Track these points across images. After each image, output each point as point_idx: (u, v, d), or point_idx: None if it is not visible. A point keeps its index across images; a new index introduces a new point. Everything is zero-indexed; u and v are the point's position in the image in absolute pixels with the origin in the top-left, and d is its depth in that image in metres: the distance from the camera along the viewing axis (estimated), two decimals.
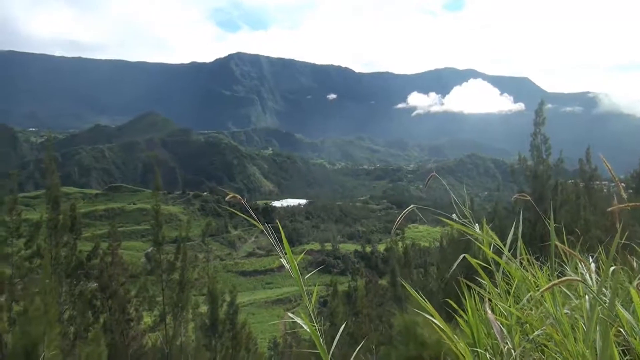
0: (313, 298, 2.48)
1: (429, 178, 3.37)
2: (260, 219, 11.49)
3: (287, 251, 2.47)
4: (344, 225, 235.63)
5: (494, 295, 2.95)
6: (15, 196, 18.28)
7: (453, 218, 3.04)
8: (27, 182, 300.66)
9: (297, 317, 2.60)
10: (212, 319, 18.93)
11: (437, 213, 3.16)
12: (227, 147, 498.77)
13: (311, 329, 2.38)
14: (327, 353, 2.38)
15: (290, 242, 2.56)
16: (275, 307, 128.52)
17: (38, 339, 8.02)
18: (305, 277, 2.57)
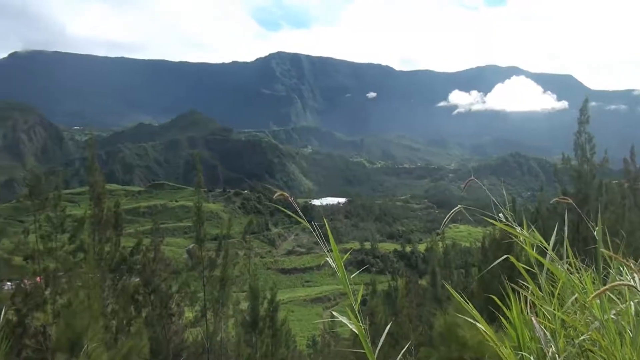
0: (358, 297, 2.49)
1: (467, 182, 3.34)
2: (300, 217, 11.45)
3: (334, 250, 2.47)
4: (384, 225, 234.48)
5: (537, 298, 2.91)
6: (60, 192, 18.70)
7: (498, 218, 3.00)
8: (72, 179, 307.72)
9: (341, 316, 2.60)
10: (252, 315, 19.08)
11: (482, 213, 3.13)
12: (267, 145, 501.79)
13: (358, 328, 2.39)
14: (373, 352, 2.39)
15: (329, 241, 2.56)
16: (314, 305, 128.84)
17: (82, 331, 8.19)
18: (352, 276, 2.58)
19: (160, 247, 18.73)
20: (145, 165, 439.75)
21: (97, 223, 16.93)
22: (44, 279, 16.36)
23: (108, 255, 17.02)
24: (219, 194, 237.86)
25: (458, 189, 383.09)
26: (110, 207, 17.80)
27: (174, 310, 17.95)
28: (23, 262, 16.85)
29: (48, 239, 17.13)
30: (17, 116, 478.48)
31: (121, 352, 9.20)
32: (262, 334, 19.30)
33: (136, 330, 10.83)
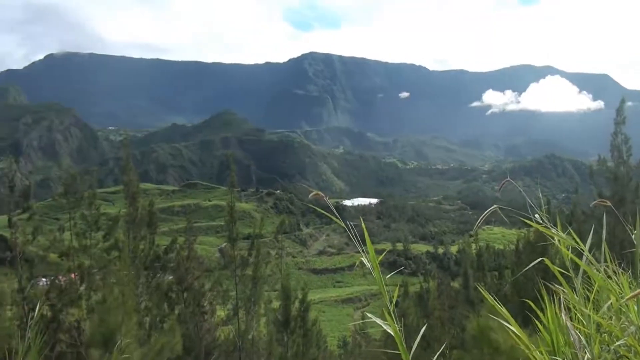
0: (393, 298, 2.47)
1: (503, 183, 3.29)
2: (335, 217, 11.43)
3: (370, 250, 2.46)
4: (416, 226, 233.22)
5: (572, 302, 2.85)
6: (95, 191, 19.04)
7: (535, 219, 2.96)
8: (106, 178, 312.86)
9: (375, 317, 2.59)
10: (284, 315, 19.14)
11: (517, 215, 3.08)
12: (299, 145, 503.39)
13: (394, 329, 2.38)
14: (409, 354, 2.38)
15: (361, 242, 2.55)
16: (345, 305, 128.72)
17: (115, 327, 8.31)
18: (387, 276, 2.56)
19: (194, 246, 18.92)
20: (179, 165, 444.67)
21: (131, 221, 17.19)
22: (79, 276, 16.66)
23: (142, 253, 17.27)
24: (251, 194, 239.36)
25: (492, 190, 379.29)
26: (144, 205, 18.06)
27: (207, 308, 18.11)
28: (58, 259, 17.21)
29: (83, 236, 17.45)
30: (53, 117, 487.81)
31: (154, 348, 9.31)
32: (293, 334, 19.35)
33: (169, 327, 10.96)
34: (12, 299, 15.39)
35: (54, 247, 16.96)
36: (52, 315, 15.01)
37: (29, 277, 15.31)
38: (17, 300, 15.11)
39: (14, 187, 16.14)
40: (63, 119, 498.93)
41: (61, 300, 15.19)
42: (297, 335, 19.56)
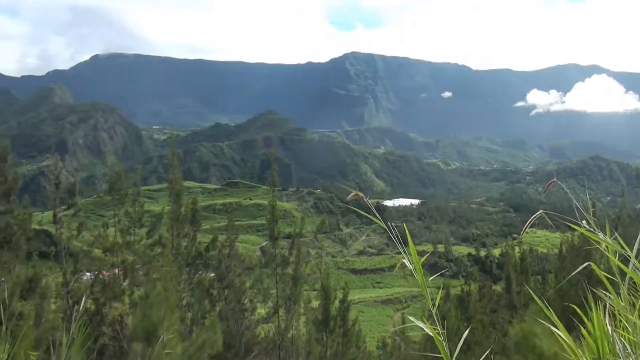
0: (436, 301, 2.44)
1: (548, 184, 3.20)
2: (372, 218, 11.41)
3: (412, 251, 2.43)
4: (458, 227, 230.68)
5: (618, 308, 2.77)
6: (139, 189, 19.40)
7: (581, 224, 2.87)
8: (150, 176, 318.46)
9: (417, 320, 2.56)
10: (324, 314, 19.14)
11: (563, 218, 3.00)
12: (340, 145, 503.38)
13: (434, 333, 2.35)
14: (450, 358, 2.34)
15: (402, 243, 2.52)
16: (385, 306, 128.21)
17: (158, 322, 8.43)
18: (429, 279, 2.53)
19: (235, 244, 19.09)
20: (222, 164, 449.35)
21: (175, 219, 17.44)
22: (122, 271, 17.02)
23: (185, 250, 17.51)
24: (292, 193, 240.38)
25: (535, 192, 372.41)
26: (188, 203, 18.31)
27: (247, 305, 18.26)
28: (102, 254, 17.59)
29: (127, 232, 17.82)
30: (98, 116, 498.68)
31: (196, 344, 9.42)
32: (332, 333, 19.34)
33: (210, 323, 11.06)
34: (56, 292, 15.82)
35: (98, 242, 17.33)
36: (95, 309, 15.35)
37: (73, 272, 15.68)
38: (62, 294, 15.50)
39: (59, 184, 16.55)
40: (108, 118, 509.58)
41: (105, 295, 15.51)
42: (336, 334, 19.55)
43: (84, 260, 16.34)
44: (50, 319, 14.44)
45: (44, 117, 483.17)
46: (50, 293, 15.23)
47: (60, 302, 15.72)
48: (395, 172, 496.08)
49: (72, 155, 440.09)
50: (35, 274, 14.92)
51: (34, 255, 17.31)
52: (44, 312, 14.03)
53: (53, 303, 15.78)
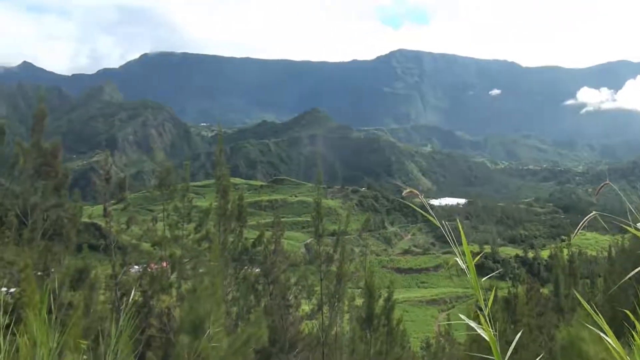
0: (489, 303, 2.36)
1: (601, 186, 3.06)
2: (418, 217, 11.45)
3: (466, 251, 2.35)
4: (505, 228, 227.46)
5: None
6: (188, 184, 19.70)
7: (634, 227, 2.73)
8: (198, 172, 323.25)
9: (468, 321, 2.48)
10: (368, 312, 19.09)
11: (618, 221, 2.86)
12: (386, 143, 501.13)
13: (489, 335, 2.26)
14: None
15: (448, 243, 2.44)
16: (430, 306, 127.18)
17: (204, 315, 8.51)
18: (482, 279, 2.44)
19: (280, 240, 19.18)
20: (268, 161, 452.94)
21: (222, 214, 17.63)
22: (170, 265, 17.32)
23: (231, 245, 17.69)
24: (337, 191, 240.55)
25: (585, 193, 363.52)
26: (234, 199, 18.49)
27: (292, 301, 18.33)
28: (151, 248, 17.94)
29: (175, 227, 18.13)
30: (148, 113, 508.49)
31: (241, 338, 9.49)
32: (376, 332, 19.26)
33: (255, 318, 11.15)
34: (105, 284, 16.20)
35: (147, 236, 17.67)
36: (143, 301, 15.65)
37: (122, 264, 16.03)
38: (110, 285, 15.85)
39: (109, 179, 16.90)
40: (157, 115, 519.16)
41: (153, 287, 15.79)
42: (380, 333, 19.47)
43: (132, 253, 16.68)
44: (99, 309, 14.77)
45: (94, 114, 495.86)
46: (99, 284, 15.59)
47: (109, 293, 16.09)
48: (441, 170, 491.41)
49: (122, 152, 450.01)
50: (84, 265, 15.25)
51: (83, 247, 17.70)
52: (93, 302, 14.34)
53: (102, 294, 16.15)
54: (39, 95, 17.87)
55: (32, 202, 15.00)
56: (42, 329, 3.52)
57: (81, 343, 4.39)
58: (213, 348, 7.99)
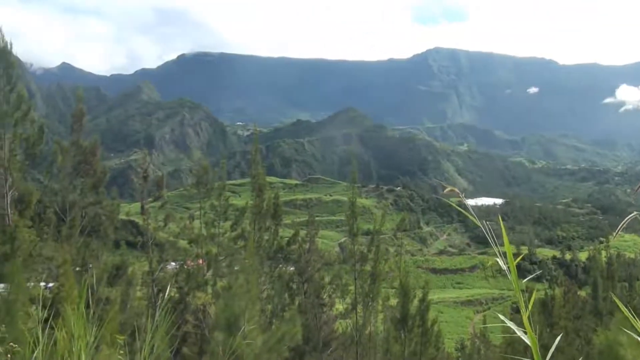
0: (530, 304, 2.30)
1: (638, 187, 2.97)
2: (453, 217, 11.32)
3: (508, 252, 2.30)
4: (542, 229, 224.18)
5: None
6: (224, 182, 19.88)
7: None
8: (233, 171, 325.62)
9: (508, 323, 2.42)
10: (402, 312, 18.99)
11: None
12: (421, 142, 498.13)
13: (532, 339, 2.21)
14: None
15: (484, 243, 2.38)
16: (465, 307, 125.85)
17: (239, 313, 8.56)
18: (524, 280, 2.39)
19: (315, 239, 19.21)
20: (302, 159, 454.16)
21: (257, 213, 17.75)
22: (206, 262, 17.51)
23: (266, 243, 17.80)
24: (372, 190, 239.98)
25: (624, 193, 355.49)
26: (270, 198, 18.60)
27: (326, 300, 18.35)
28: (187, 245, 18.17)
29: (212, 225, 18.31)
30: (184, 112, 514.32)
31: (276, 336, 9.52)
32: (411, 332, 19.15)
33: (290, 316, 11.17)
34: (142, 280, 16.47)
35: (184, 234, 17.89)
36: (179, 298, 15.86)
37: (159, 261, 16.26)
38: (147, 282, 16.10)
39: (147, 177, 17.15)
40: (194, 114, 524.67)
41: (189, 284, 15.99)
42: (415, 334, 19.35)
43: (169, 250, 16.90)
44: (136, 305, 15.02)
45: (132, 113, 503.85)
46: (136, 280, 15.85)
47: (146, 289, 16.34)
48: (478, 170, 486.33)
49: (159, 150, 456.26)
50: (122, 262, 15.51)
51: (121, 244, 18.10)
52: (130, 298, 14.58)
53: (139, 290, 16.42)
54: (78, 95, 18.23)
55: (71, 200, 15.31)
56: (80, 323, 3.57)
57: (118, 338, 4.45)
58: (248, 345, 8.03)
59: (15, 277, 5.46)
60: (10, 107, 12.63)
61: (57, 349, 3.68)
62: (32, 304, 5.30)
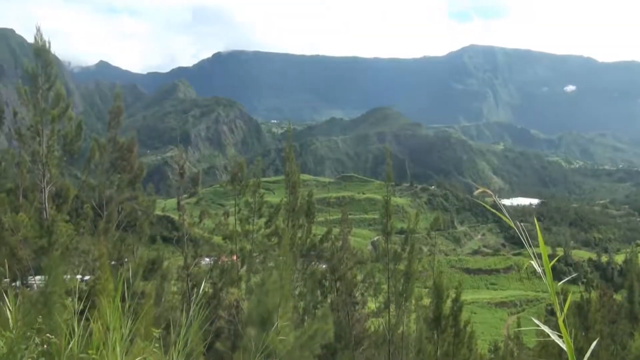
0: (565, 308, 2.25)
1: None
2: (488, 217, 11.18)
3: (543, 254, 2.26)
4: (579, 230, 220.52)
5: None
6: (259, 179, 20.02)
7: None
8: (268, 168, 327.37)
9: (545, 326, 2.38)
10: (435, 312, 18.84)
11: None
12: (456, 141, 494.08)
13: (568, 344, 2.16)
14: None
15: (519, 244, 2.35)
16: (499, 309, 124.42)
17: (273, 309, 8.61)
18: (559, 284, 2.34)
19: (348, 237, 19.21)
20: (336, 157, 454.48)
21: (291, 210, 17.82)
22: (240, 258, 17.69)
23: (300, 240, 17.86)
24: (405, 189, 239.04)
25: None
26: (303, 196, 18.67)
27: (358, 298, 18.35)
28: (222, 241, 18.38)
29: (246, 222, 18.49)
30: (220, 110, 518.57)
31: (308, 333, 9.55)
32: (444, 333, 19.00)
33: (323, 313, 11.18)
34: (177, 275, 16.71)
35: (219, 230, 18.10)
36: (213, 293, 16.06)
37: (194, 256, 16.46)
38: (182, 276, 16.32)
39: (183, 173, 17.37)
40: (229, 112, 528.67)
41: (222, 280, 16.16)
42: (447, 334, 19.18)
43: (204, 246, 17.13)
44: (170, 299, 15.24)
45: (168, 111, 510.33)
46: (170, 275, 16.09)
47: (180, 284, 16.57)
48: (514, 169, 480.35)
49: (194, 147, 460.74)
50: (157, 256, 15.74)
51: (156, 239, 18.51)
52: (164, 292, 14.79)
53: (173, 285, 16.66)
54: (116, 93, 18.55)
55: (108, 195, 15.59)
56: (116, 316, 3.63)
57: (153, 331, 4.50)
58: (280, 341, 8.07)
59: (53, 270, 5.59)
60: (49, 105, 12.90)
61: (93, 341, 3.74)
62: (68, 296, 5.43)
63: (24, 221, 12.28)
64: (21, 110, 13.56)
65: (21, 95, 12.77)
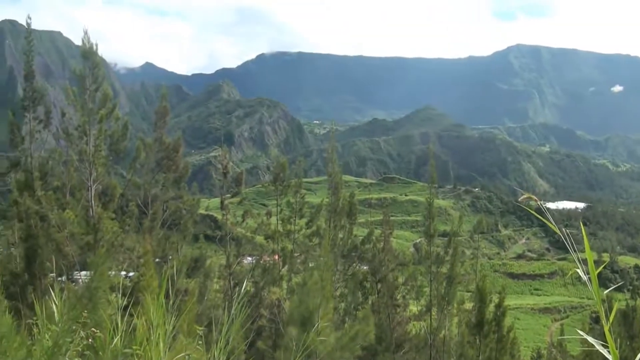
0: (611, 317, 2.18)
1: None
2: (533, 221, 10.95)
3: (589, 260, 2.19)
4: (626, 236, 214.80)
5: None
6: (301, 180, 20.11)
7: None
8: (310, 169, 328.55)
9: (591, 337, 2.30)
10: (478, 317, 18.59)
11: None
12: (501, 143, 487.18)
13: (614, 355, 2.09)
14: None
15: (564, 249, 2.29)
16: (542, 315, 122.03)
17: (314, 309, 8.62)
18: (605, 292, 2.27)
19: (390, 239, 19.11)
20: (378, 158, 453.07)
21: (333, 211, 17.85)
22: (282, 258, 17.80)
23: (341, 241, 17.87)
24: (448, 191, 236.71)
25: None
26: (345, 196, 18.67)
27: (400, 301, 18.23)
28: (264, 240, 18.52)
29: (288, 222, 18.60)
30: (263, 111, 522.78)
31: (349, 334, 9.54)
32: (486, 338, 18.73)
33: (363, 315, 11.16)
34: (219, 273, 16.91)
35: (261, 229, 18.25)
36: (255, 292, 16.20)
37: (236, 255, 16.64)
38: (224, 275, 16.50)
39: (227, 173, 17.56)
40: (272, 112, 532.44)
41: (264, 279, 16.29)
42: (490, 340, 18.90)
43: (246, 245, 17.28)
44: (213, 297, 15.43)
45: (212, 111, 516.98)
46: (213, 273, 16.29)
47: (223, 282, 16.76)
48: (560, 172, 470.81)
49: (238, 147, 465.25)
50: (200, 255, 15.95)
51: (200, 237, 18.86)
52: (207, 290, 14.97)
53: (216, 283, 16.87)
54: (162, 94, 18.86)
55: (153, 194, 15.85)
56: (159, 312, 3.68)
57: (196, 328, 4.55)
58: (321, 342, 8.07)
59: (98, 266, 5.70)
60: (96, 105, 13.18)
61: (136, 336, 3.80)
62: (112, 291, 5.54)
63: (71, 218, 12.55)
64: (69, 111, 13.89)
65: (69, 96, 13.07)
